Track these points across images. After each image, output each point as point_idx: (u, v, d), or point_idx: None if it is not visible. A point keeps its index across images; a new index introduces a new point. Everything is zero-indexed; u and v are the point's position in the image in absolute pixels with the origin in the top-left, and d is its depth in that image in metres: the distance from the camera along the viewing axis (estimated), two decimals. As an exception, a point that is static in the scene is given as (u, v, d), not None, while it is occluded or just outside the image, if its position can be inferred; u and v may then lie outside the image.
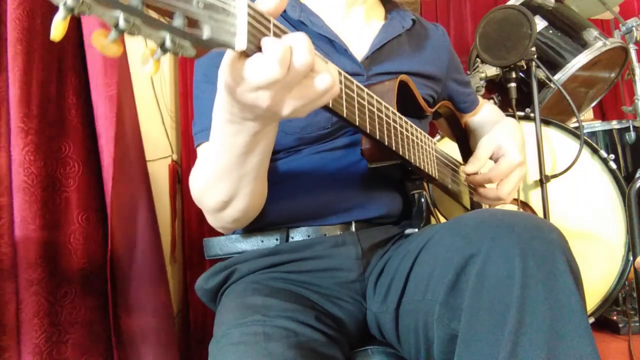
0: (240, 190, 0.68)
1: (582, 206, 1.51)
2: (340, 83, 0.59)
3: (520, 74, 1.62)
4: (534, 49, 1.50)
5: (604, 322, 1.53)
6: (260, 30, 0.46)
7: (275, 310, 0.68)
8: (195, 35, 0.41)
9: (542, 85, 1.60)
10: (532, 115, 1.49)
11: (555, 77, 1.59)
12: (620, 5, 1.78)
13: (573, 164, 1.45)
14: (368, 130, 0.67)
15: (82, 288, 1.12)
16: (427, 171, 0.86)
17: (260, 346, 0.60)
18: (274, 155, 0.82)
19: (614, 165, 1.48)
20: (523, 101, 1.63)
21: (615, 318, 1.51)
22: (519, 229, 0.56)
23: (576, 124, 1.52)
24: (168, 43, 0.39)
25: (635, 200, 1.35)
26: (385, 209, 0.84)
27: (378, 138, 0.70)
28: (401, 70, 0.88)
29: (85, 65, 1.18)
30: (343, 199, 0.82)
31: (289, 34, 0.49)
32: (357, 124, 0.64)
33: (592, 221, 1.50)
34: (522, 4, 1.60)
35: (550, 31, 1.66)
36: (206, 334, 2.08)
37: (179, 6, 0.40)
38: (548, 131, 1.54)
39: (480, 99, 1.15)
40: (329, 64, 0.54)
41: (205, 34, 0.41)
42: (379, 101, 0.71)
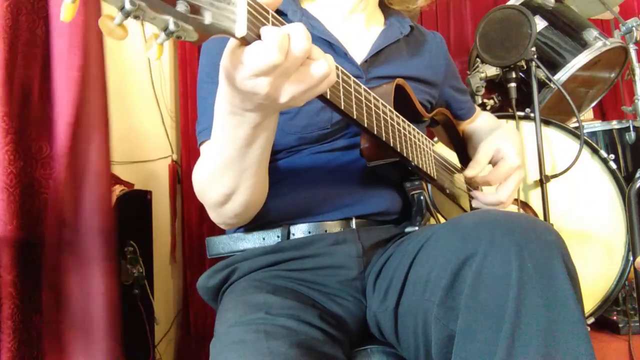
0: (241, 184, 0.69)
1: (582, 206, 1.50)
2: (337, 77, 0.61)
3: (520, 74, 1.62)
4: (534, 49, 1.49)
5: (604, 322, 1.53)
6: (260, 20, 0.49)
7: (276, 308, 0.68)
8: (198, 20, 0.43)
9: (542, 85, 1.60)
10: (532, 115, 1.49)
11: (555, 77, 1.59)
12: (620, 5, 1.78)
13: (573, 164, 1.45)
14: (366, 124, 0.68)
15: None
16: (426, 170, 0.86)
17: (262, 344, 0.60)
18: (275, 155, 0.83)
19: (614, 165, 1.48)
20: (523, 101, 1.63)
21: (615, 318, 1.51)
22: (516, 230, 0.57)
23: (576, 124, 1.52)
24: (172, 26, 0.41)
25: (635, 200, 1.35)
26: (384, 205, 0.85)
27: (376, 133, 0.71)
28: (399, 74, 0.90)
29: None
30: (343, 195, 0.83)
31: (286, 24, 0.51)
32: (355, 117, 0.66)
33: (592, 221, 1.49)
34: (522, 4, 1.60)
35: (550, 31, 1.66)
36: (206, 334, 2.08)
37: None
38: (548, 131, 1.54)
39: (477, 108, 1.17)
40: (325, 55, 0.55)
41: (207, 20, 0.44)
42: (376, 98, 0.71)
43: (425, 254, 0.68)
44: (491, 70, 1.70)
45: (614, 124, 1.65)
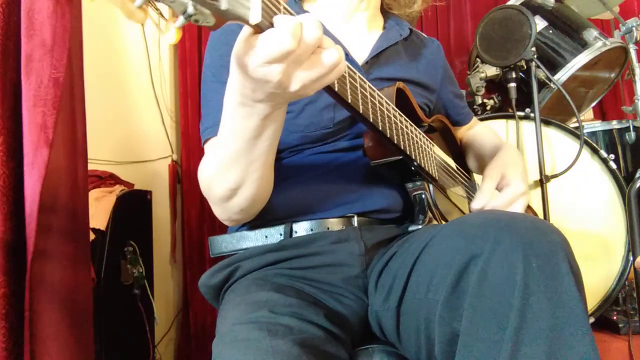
0: (248, 177, 0.70)
1: (582, 206, 1.51)
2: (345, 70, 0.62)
3: (520, 74, 1.62)
4: (534, 49, 1.49)
5: (604, 322, 1.53)
6: (272, 9, 0.50)
7: (279, 307, 0.68)
8: (215, 5, 0.45)
9: (542, 85, 1.60)
10: (532, 115, 1.49)
11: (555, 77, 1.59)
12: (620, 5, 1.78)
13: (573, 164, 1.45)
14: (371, 119, 0.69)
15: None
16: (428, 170, 0.87)
17: (265, 343, 0.60)
18: (278, 154, 0.84)
19: (614, 165, 1.48)
20: (523, 101, 1.63)
21: (615, 318, 1.51)
22: (521, 231, 0.57)
23: (576, 124, 1.52)
24: (190, 9, 0.43)
25: (635, 200, 1.35)
26: (385, 203, 0.86)
27: (380, 129, 0.71)
28: (399, 76, 0.91)
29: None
30: (344, 192, 0.84)
31: (298, 15, 0.53)
32: (361, 112, 0.66)
33: (592, 221, 1.50)
34: (522, 4, 1.61)
35: (550, 31, 1.66)
36: (206, 334, 2.08)
37: None
38: (548, 131, 1.54)
39: (473, 115, 1.18)
40: (335, 45, 0.56)
41: (223, 5, 0.45)
42: (380, 96, 0.72)
43: (429, 254, 0.69)
44: (491, 70, 1.71)
45: (614, 124, 1.65)
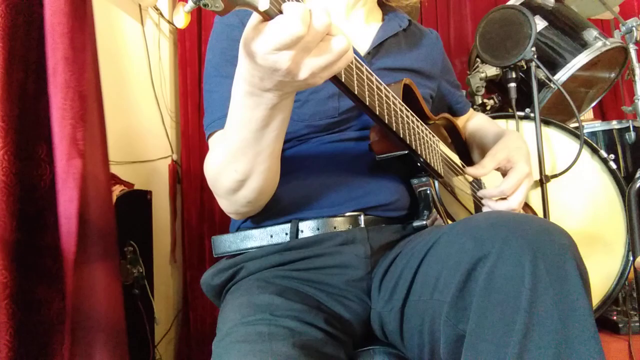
0: (255, 168, 0.70)
1: (582, 206, 1.51)
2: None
3: (520, 74, 1.62)
4: (534, 49, 1.49)
5: (604, 322, 1.53)
6: None
7: (281, 309, 0.68)
8: None
9: (542, 85, 1.60)
10: (532, 115, 1.49)
11: (555, 77, 1.59)
12: (620, 5, 1.78)
13: (573, 164, 1.45)
14: (377, 112, 0.69)
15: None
16: (434, 166, 0.87)
17: (265, 345, 0.60)
18: (284, 144, 0.83)
19: (614, 165, 1.48)
20: (523, 101, 1.63)
21: (615, 318, 1.51)
22: (529, 233, 0.57)
23: (576, 124, 1.52)
24: None
25: (635, 200, 1.36)
26: (392, 197, 0.85)
27: (387, 122, 0.71)
28: (400, 66, 0.92)
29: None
30: (351, 185, 0.83)
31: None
32: (368, 104, 0.66)
33: (592, 221, 1.50)
34: (522, 4, 1.61)
35: (550, 31, 1.66)
36: (206, 334, 2.08)
37: None
38: (548, 131, 1.54)
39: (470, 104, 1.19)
40: (343, 32, 0.56)
41: None
42: (387, 89, 0.72)
43: (434, 255, 0.68)
44: (491, 70, 1.71)
45: (614, 124, 1.65)
